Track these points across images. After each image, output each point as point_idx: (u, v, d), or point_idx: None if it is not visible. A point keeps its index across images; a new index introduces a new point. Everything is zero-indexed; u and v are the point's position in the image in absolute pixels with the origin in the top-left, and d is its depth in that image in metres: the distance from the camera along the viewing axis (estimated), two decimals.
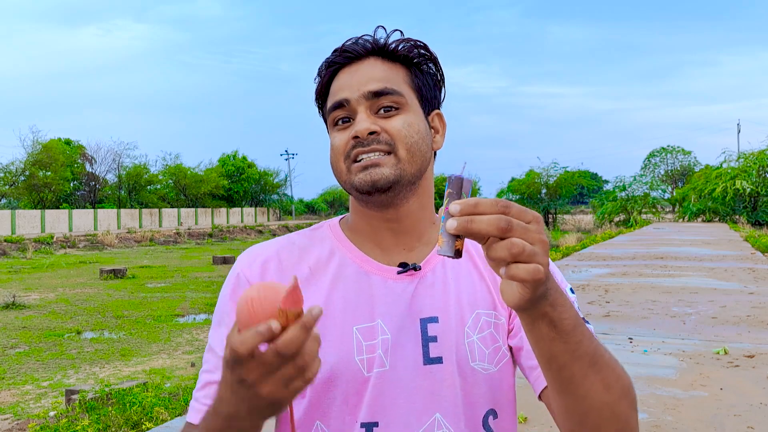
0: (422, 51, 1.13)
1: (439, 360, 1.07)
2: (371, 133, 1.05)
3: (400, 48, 1.12)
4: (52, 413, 6.43)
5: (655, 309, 9.35)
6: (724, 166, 45.62)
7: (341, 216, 1.23)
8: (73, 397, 6.28)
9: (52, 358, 9.14)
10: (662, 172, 77.78)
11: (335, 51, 1.13)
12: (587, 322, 1.03)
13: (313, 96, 1.17)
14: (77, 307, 13.54)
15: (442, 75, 1.17)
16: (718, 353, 6.64)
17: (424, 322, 1.09)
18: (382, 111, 1.07)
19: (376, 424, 1.05)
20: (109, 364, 8.79)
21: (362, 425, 1.05)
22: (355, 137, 1.06)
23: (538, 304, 0.84)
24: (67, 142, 51.73)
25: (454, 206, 0.79)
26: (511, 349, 1.13)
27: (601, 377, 0.91)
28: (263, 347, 0.75)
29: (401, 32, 1.14)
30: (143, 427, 5.10)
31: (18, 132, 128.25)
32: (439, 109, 1.17)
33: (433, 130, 1.15)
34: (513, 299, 0.83)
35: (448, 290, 1.12)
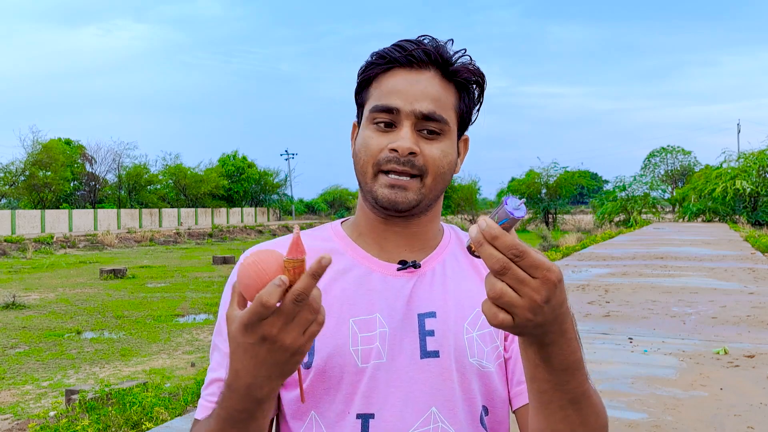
0: (478, 79, 1.14)
1: (435, 354, 1.08)
2: (411, 153, 1.06)
3: (462, 72, 1.12)
4: (52, 413, 6.43)
5: (655, 309, 9.35)
6: (724, 166, 45.60)
7: (343, 219, 1.24)
8: (73, 397, 6.28)
9: (52, 358, 9.14)
10: (662, 172, 77.76)
11: (396, 46, 1.11)
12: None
13: (356, 77, 1.15)
14: (77, 307, 13.54)
15: (482, 102, 1.18)
16: (718, 353, 6.64)
17: (422, 317, 1.10)
18: (425, 132, 1.08)
19: (372, 416, 1.06)
20: (109, 364, 8.79)
21: (358, 416, 1.06)
22: (394, 150, 1.06)
23: (528, 336, 0.87)
24: (67, 142, 51.71)
25: (483, 221, 0.81)
26: None
27: (580, 414, 0.95)
28: None
29: (465, 50, 1.13)
30: (143, 427, 5.10)
31: (18, 132, 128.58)
32: (466, 132, 1.19)
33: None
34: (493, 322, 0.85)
35: (447, 288, 1.13)
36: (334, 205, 73.08)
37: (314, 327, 0.84)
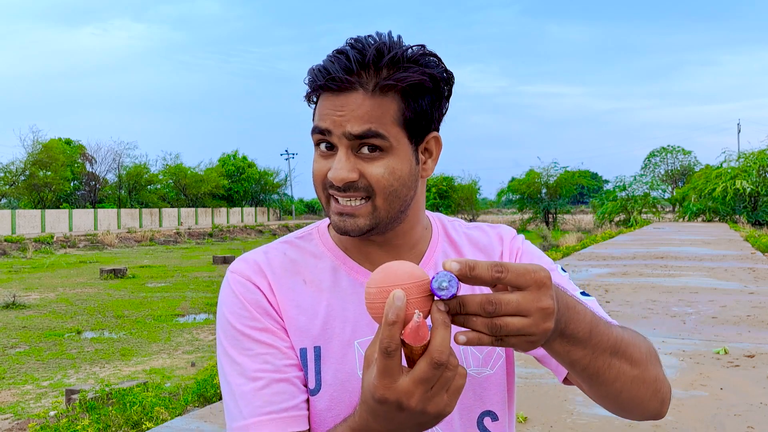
0: (417, 78, 0.98)
1: None
2: (347, 182, 1.00)
3: (399, 83, 0.98)
4: (52, 413, 6.43)
5: (655, 309, 9.35)
6: (724, 165, 45.58)
7: (328, 221, 1.17)
8: (74, 396, 6.28)
9: (52, 358, 9.14)
10: (662, 171, 77.79)
11: (322, 71, 0.99)
12: (586, 294, 1.08)
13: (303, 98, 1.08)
14: (77, 307, 13.55)
15: (446, 90, 1.04)
16: (718, 353, 6.64)
17: None
18: (365, 150, 0.99)
19: None
20: (109, 364, 8.79)
21: None
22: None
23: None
24: (67, 142, 51.74)
25: (453, 264, 0.76)
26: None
27: (625, 358, 0.94)
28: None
29: (399, 44, 1.00)
30: (143, 427, 5.10)
31: (18, 132, 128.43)
32: (437, 129, 1.06)
33: (426, 154, 1.06)
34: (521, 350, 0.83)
35: None
36: None
37: (458, 381, 0.79)
